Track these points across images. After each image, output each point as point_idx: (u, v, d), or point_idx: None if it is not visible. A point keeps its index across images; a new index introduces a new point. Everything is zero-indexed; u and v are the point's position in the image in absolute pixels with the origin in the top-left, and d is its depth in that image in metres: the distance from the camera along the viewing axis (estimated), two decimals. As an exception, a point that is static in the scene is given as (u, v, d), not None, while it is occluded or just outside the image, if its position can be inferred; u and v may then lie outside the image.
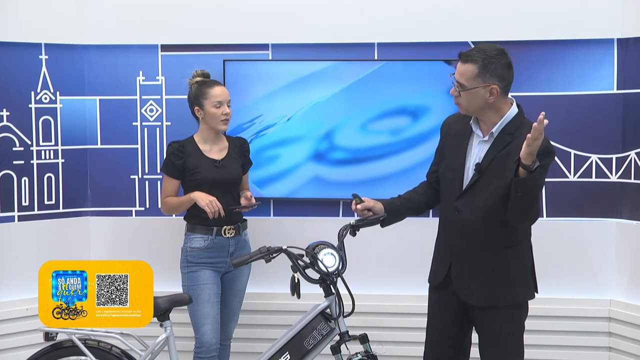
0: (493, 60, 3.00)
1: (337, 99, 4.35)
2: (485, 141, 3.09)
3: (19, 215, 4.39)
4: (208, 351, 3.67)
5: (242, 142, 3.98)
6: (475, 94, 3.01)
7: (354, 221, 3.29)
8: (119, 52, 4.50)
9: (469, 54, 3.03)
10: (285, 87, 4.37)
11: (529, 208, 2.97)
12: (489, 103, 3.03)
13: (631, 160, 4.21)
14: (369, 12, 4.37)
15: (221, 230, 3.76)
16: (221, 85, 3.87)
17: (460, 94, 3.03)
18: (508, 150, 3.01)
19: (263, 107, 4.38)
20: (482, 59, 3.00)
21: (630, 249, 4.23)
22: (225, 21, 4.44)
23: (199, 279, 3.72)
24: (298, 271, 3.15)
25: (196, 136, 3.87)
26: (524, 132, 2.88)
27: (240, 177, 3.89)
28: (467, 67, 3.01)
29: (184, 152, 3.78)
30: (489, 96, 3.01)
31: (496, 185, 3.00)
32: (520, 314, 3.18)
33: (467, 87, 3.01)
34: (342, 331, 3.17)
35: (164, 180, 3.84)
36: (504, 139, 3.04)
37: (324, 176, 4.39)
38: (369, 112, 4.32)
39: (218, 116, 3.77)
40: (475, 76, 2.99)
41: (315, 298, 3.31)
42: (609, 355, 4.29)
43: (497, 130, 3.06)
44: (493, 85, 2.99)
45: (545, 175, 3.03)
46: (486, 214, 3.05)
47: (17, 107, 4.36)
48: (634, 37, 4.18)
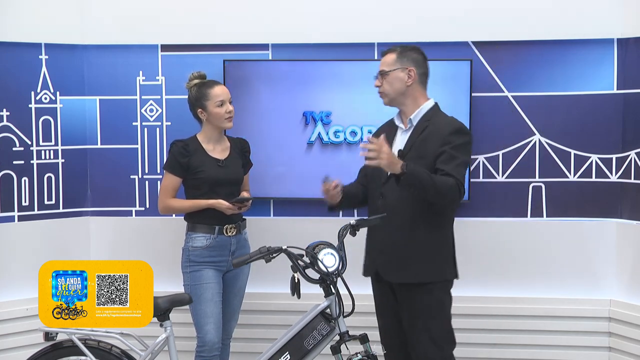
0: (409, 49, 3.42)
1: (337, 99, 4.35)
2: (406, 130, 3.40)
3: (19, 215, 4.39)
4: (210, 350, 3.67)
5: (243, 142, 3.99)
6: (395, 78, 3.36)
7: (354, 221, 3.29)
8: (119, 52, 4.51)
9: (389, 49, 3.44)
10: (285, 87, 4.37)
11: (434, 194, 3.17)
12: (408, 88, 3.37)
13: (631, 160, 4.21)
14: (369, 12, 4.37)
15: (223, 229, 3.76)
16: (220, 84, 3.87)
17: (382, 82, 3.38)
18: (426, 133, 3.31)
19: (263, 106, 4.38)
20: (400, 48, 3.42)
21: (630, 249, 4.23)
22: (225, 21, 4.44)
23: (202, 278, 3.72)
24: (298, 271, 3.15)
25: (199, 136, 3.87)
26: (441, 120, 3.34)
27: (242, 177, 3.90)
28: (388, 56, 3.41)
29: (188, 151, 3.78)
30: (407, 79, 3.36)
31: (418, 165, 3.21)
32: (441, 292, 3.34)
33: (387, 71, 3.37)
34: (342, 331, 3.17)
35: (165, 178, 3.83)
36: (422, 125, 3.35)
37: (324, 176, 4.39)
38: (369, 112, 4.32)
39: (222, 115, 3.77)
40: (394, 61, 3.37)
41: (315, 298, 3.31)
42: (609, 355, 4.29)
43: (416, 119, 3.38)
44: (410, 68, 3.36)
45: (467, 153, 3.31)
46: (409, 196, 3.24)
47: (17, 107, 4.36)
48: (634, 37, 4.18)
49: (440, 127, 3.30)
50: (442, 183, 3.17)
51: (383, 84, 3.39)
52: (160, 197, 3.85)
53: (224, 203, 3.71)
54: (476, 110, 4.26)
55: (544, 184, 4.35)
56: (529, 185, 4.36)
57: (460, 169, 3.25)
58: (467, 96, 4.23)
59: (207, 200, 3.74)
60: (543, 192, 4.34)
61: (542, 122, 4.32)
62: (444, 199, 3.23)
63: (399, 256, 3.32)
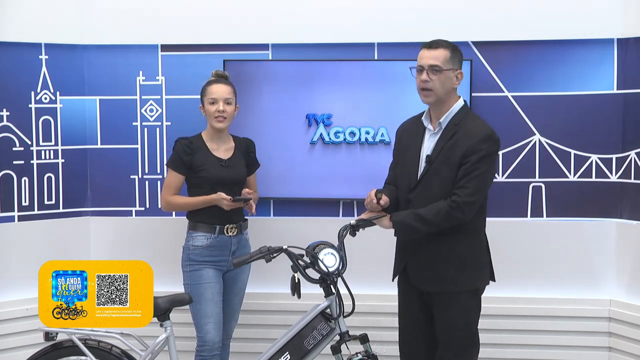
0: (457, 49, 3.26)
1: (337, 99, 4.35)
2: (435, 133, 3.26)
3: (19, 215, 4.39)
4: (211, 350, 3.67)
5: (248, 142, 3.97)
6: (448, 77, 3.19)
7: (354, 221, 3.29)
8: (119, 52, 4.51)
9: (437, 42, 3.22)
10: (285, 86, 4.37)
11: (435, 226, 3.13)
12: (453, 89, 3.23)
13: (631, 160, 4.21)
14: (369, 12, 4.37)
15: (224, 229, 3.76)
16: (222, 84, 3.82)
17: (432, 78, 3.17)
18: (455, 139, 3.18)
19: (263, 106, 4.38)
20: (451, 46, 3.23)
21: (630, 249, 4.23)
22: (225, 21, 4.44)
23: (202, 277, 3.72)
24: (298, 271, 3.15)
25: (204, 134, 3.86)
26: (469, 122, 3.20)
27: (244, 177, 3.89)
28: (440, 51, 3.19)
29: (192, 149, 3.78)
30: (455, 81, 3.22)
31: (445, 175, 3.17)
32: (472, 300, 3.28)
33: (443, 69, 3.17)
34: (342, 331, 3.17)
35: (168, 175, 3.83)
36: (451, 130, 3.21)
37: (324, 176, 4.38)
38: (368, 111, 4.32)
39: (212, 113, 3.77)
40: (448, 60, 3.19)
41: (315, 298, 3.31)
42: (609, 355, 4.29)
43: (445, 121, 3.23)
44: (460, 71, 3.23)
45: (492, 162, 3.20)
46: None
47: (17, 107, 4.36)
48: (634, 37, 4.18)
49: (470, 133, 3.17)
50: (434, 215, 3.12)
51: (434, 81, 3.17)
52: (163, 193, 3.85)
53: (225, 197, 3.68)
54: (476, 110, 4.25)
55: (544, 184, 4.35)
56: (529, 185, 4.36)
57: (475, 181, 3.13)
58: (467, 96, 4.23)
59: (206, 196, 3.74)
60: (543, 192, 4.34)
61: (542, 122, 4.32)
62: (448, 224, 3.15)
63: (431, 264, 3.24)
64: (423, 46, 3.25)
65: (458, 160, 3.14)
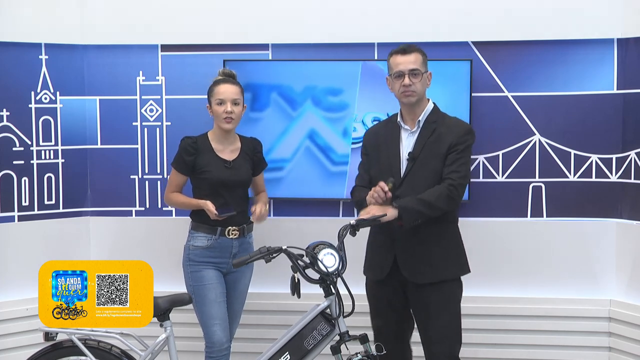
0: (425, 53, 3.45)
1: (337, 99, 4.35)
2: (413, 132, 3.43)
3: (19, 215, 4.39)
4: (220, 350, 3.66)
5: (255, 143, 3.95)
6: (424, 79, 3.41)
7: (354, 221, 3.28)
8: (119, 52, 4.51)
9: (410, 47, 3.43)
10: (285, 86, 4.37)
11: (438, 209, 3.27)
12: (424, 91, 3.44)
13: (631, 160, 4.21)
14: (369, 12, 4.37)
15: (225, 231, 3.75)
16: (230, 84, 3.79)
17: (414, 81, 3.36)
18: (437, 134, 3.37)
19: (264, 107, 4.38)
20: (421, 50, 3.44)
21: (630, 249, 4.23)
22: (225, 21, 4.44)
23: (204, 279, 3.71)
24: (298, 271, 3.15)
25: (210, 134, 3.84)
26: (446, 119, 3.43)
27: (249, 179, 3.87)
28: (416, 55, 3.40)
29: (195, 149, 3.77)
30: (428, 82, 3.44)
31: (431, 167, 3.34)
32: (457, 288, 3.44)
33: (422, 72, 3.38)
34: (342, 331, 3.16)
35: (171, 174, 3.84)
36: (430, 127, 3.40)
37: (324, 176, 4.39)
38: (368, 111, 4.32)
39: (220, 114, 3.75)
40: (422, 63, 3.41)
41: (315, 298, 3.31)
42: (609, 355, 4.29)
43: (423, 119, 3.41)
44: (430, 72, 3.45)
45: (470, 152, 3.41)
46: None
47: (17, 107, 4.36)
48: (634, 37, 4.18)
49: (453, 128, 3.39)
50: (436, 198, 3.26)
51: (415, 84, 3.38)
52: (166, 189, 3.88)
53: (210, 208, 3.66)
54: (476, 110, 4.27)
55: (544, 184, 4.35)
56: (529, 185, 4.36)
57: (465, 166, 3.36)
58: (467, 96, 4.23)
59: (197, 200, 3.74)
60: (543, 192, 4.34)
61: (542, 122, 4.32)
62: (448, 206, 3.31)
63: (423, 257, 3.36)
64: (395, 52, 3.42)
65: (445, 151, 3.33)
